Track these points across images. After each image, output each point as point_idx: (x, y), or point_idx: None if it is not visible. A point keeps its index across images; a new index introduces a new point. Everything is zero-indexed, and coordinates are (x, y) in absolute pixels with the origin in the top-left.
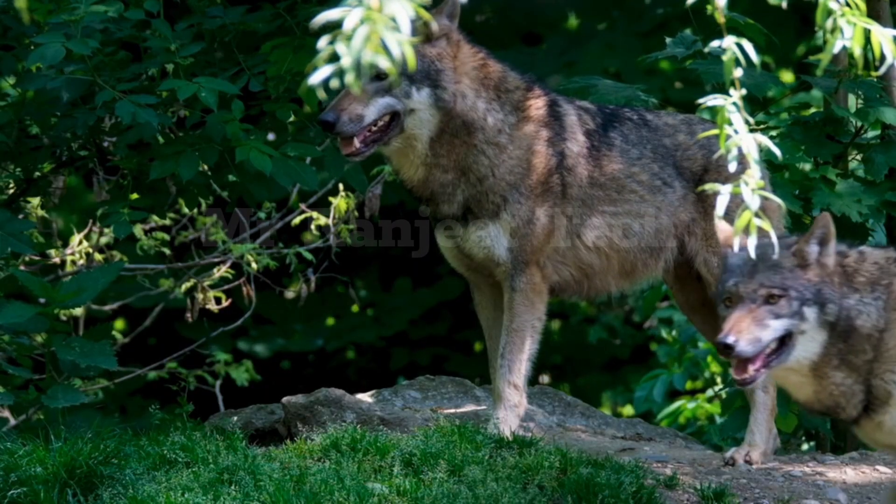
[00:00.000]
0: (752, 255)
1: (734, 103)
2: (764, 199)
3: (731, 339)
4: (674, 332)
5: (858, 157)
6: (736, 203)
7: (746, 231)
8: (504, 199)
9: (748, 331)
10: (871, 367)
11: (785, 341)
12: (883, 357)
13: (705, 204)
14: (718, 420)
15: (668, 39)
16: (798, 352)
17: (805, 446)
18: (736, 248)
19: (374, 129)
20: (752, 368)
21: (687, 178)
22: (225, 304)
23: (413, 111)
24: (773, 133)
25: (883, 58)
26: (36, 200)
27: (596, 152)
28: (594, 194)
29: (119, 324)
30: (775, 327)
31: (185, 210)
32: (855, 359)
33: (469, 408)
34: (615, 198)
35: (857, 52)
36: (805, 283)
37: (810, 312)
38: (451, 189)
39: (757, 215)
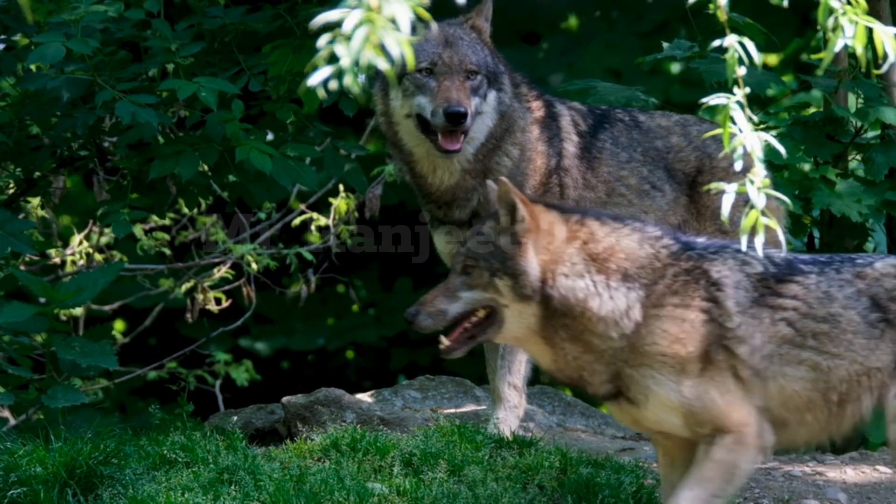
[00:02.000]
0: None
1: (738, 102)
2: (767, 197)
3: (411, 312)
4: None
5: (858, 157)
6: (718, 205)
7: (753, 230)
8: None
9: (433, 304)
10: (627, 357)
11: (493, 313)
12: (640, 351)
13: (698, 205)
14: None
15: (665, 44)
16: (509, 325)
17: None
18: (743, 247)
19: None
20: (446, 340)
21: (679, 180)
22: (225, 304)
23: (481, 114)
24: (773, 133)
25: (885, 56)
26: (36, 200)
27: (587, 154)
28: (586, 196)
29: (119, 324)
30: (466, 300)
31: (185, 210)
32: (596, 341)
33: (469, 408)
34: (605, 200)
35: (859, 50)
36: (497, 253)
37: (502, 284)
38: (470, 195)
39: (763, 214)
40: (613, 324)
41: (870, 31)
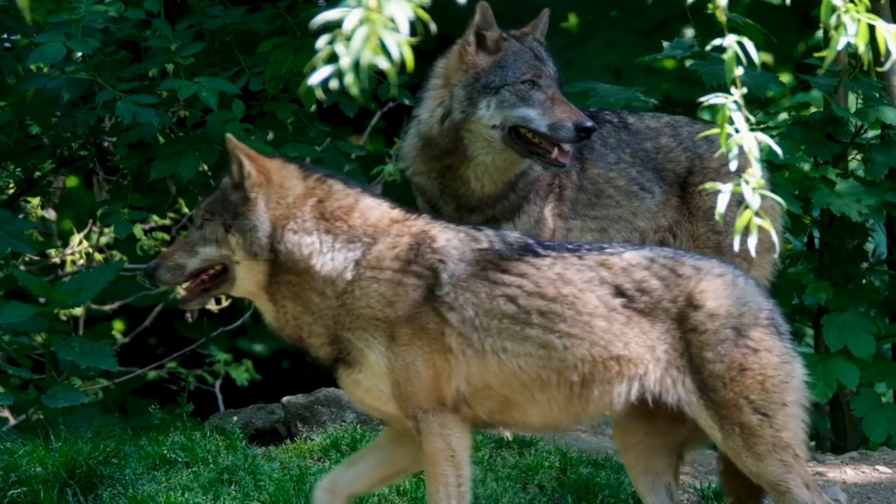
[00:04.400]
0: None
1: (735, 102)
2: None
3: (152, 266)
4: None
5: (858, 157)
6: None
7: (747, 230)
8: (526, 201)
9: (172, 258)
10: (343, 320)
11: (226, 269)
12: (353, 313)
13: (689, 206)
14: None
15: (665, 43)
16: (240, 281)
17: None
18: (736, 247)
19: None
20: (183, 291)
21: (669, 181)
22: (225, 304)
23: None
24: (773, 133)
25: (887, 54)
26: (36, 200)
27: (579, 155)
28: (578, 198)
29: (119, 324)
30: (203, 255)
31: (185, 210)
32: (314, 297)
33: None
34: (594, 202)
35: (862, 48)
36: (231, 208)
37: (234, 241)
38: (495, 203)
39: (757, 214)
40: (331, 282)
41: (872, 28)
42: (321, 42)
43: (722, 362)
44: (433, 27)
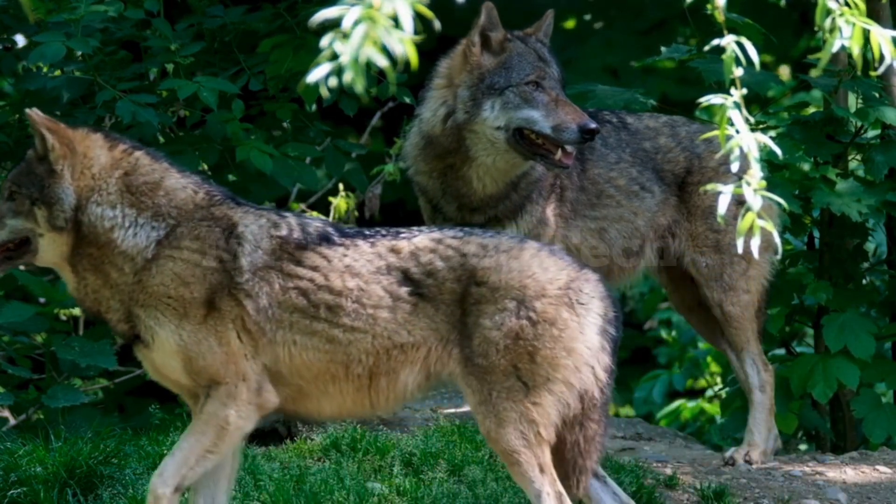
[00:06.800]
0: None
1: (735, 102)
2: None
3: None
4: (673, 333)
5: (858, 157)
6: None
7: (749, 232)
8: (529, 201)
9: None
10: (137, 296)
11: (29, 240)
12: (147, 290)
13: (688, 205)
14: (718, 420)
15: (663, 49)
16: (43, 252)
17: (805, 446)
18: (740, 249)
19: None
20: None
21: (668, 181)
22: None
23: None
24: (773, 133)
25: (882, 58)
26: None
27: (580, 155)
28: (580, 198)
29: None
30: (11, 227)
31: None
32: (112, 272)
33: (469, 408)
34: (595, 202)
35: (856, 51)
36: (38, 181)
37: (40, 214)
38: (497, 203)
39: (759, 216)
40: (130, 259)
41: (867, 32)
42: (325, 41)
43: (499, 330)
44: (437, 25)
